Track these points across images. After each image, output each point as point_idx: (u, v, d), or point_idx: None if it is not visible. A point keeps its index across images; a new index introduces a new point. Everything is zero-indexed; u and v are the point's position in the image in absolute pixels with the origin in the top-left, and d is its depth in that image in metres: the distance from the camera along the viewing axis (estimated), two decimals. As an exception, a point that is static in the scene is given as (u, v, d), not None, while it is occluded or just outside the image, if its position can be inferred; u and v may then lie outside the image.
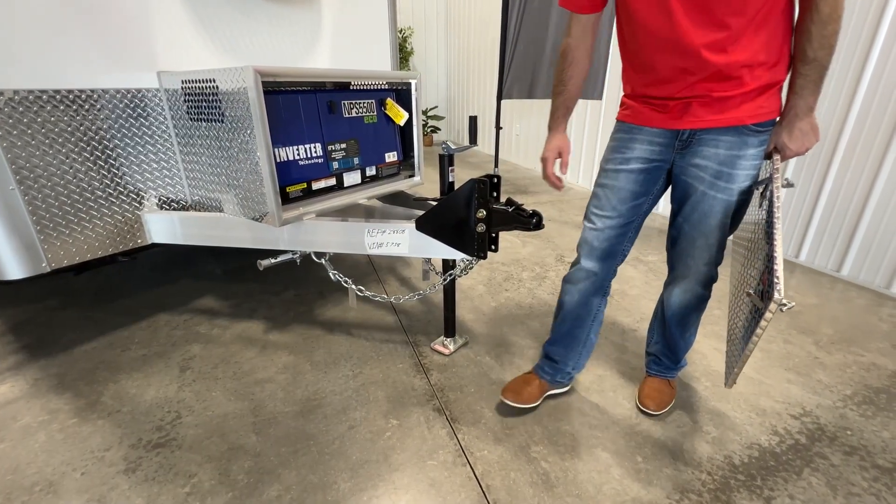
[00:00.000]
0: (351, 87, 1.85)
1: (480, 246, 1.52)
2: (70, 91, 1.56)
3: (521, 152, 5.99)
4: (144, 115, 1.76)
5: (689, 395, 1.65)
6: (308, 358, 1.87)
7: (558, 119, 1.37)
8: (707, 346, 1.94)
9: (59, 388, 1.69)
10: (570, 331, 1.49)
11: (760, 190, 1.19)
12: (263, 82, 1.43)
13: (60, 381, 1.73)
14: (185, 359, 1.86)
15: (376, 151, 1.99)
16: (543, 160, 1.40)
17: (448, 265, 1.76)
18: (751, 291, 1.09)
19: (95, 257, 1.73)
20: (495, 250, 1.55)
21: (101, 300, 2.37)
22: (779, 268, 0.95)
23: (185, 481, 1.29)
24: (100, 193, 1.70)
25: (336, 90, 1.79)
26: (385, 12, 2.64)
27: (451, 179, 1.65)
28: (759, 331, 0.97)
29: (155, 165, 1.84)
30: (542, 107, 5.17)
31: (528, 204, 1.44)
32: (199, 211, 1.92)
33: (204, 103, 1.62)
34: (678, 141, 1.20)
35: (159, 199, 1.88)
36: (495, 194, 1.48)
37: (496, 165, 3.48)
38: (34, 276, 1.59)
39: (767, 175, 1.16)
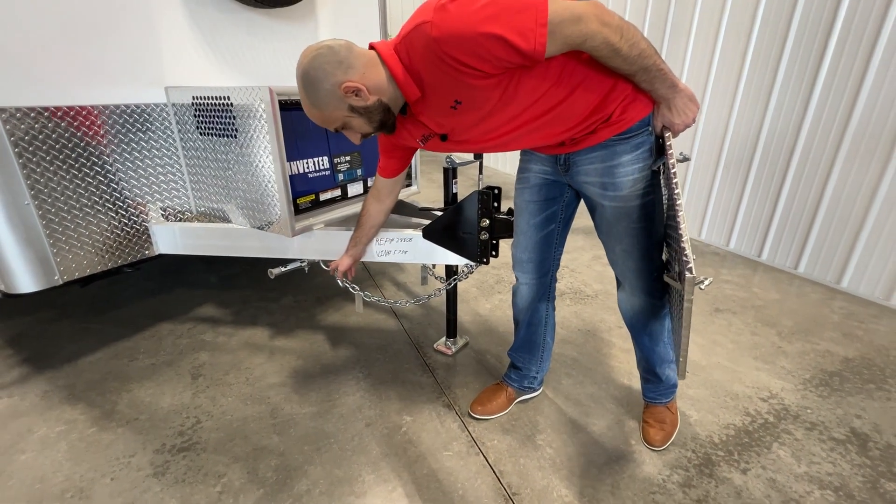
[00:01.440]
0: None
1: (483, 252, 1.65)
2: (83, 107, 1.60)
3: (500, 159, 6.18)
4: (152, 129, 1.81)
5: (671, 383, 1.82)
6: (317, 361, 1.95)
7: (357, 244, 1.60)
8: (684, 340, 2.12)
9: (70, 399, 1.71)
10: (527, 336, 1.63)
11: (657, 169, 1.19)
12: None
13: (71, 392, 1.75)
14: (195, 366, 1.91)
15: (376, 162, 2.09)
16: (335, 269, 1.61)
17: (451, 270, 1.88)
18: (672, 276, 1.06)
19: (105, 269, 1.76)
20: (496, 256, 1.69)
21: (96, 311, 2.36)
22: (686, 245, 0.91)
23: (215, 481, 1.36)
24: (109, 206, 1.73)
25: (342, 106, 1.88)
26: (376, 26, 2.74)
27: (454, 191, 1.77)
28: (684, 314, 0.92)
29: (162, 178, 1.88)
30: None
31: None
32: (204, 222, 1.97)
33: (216, 119, 1.68)
34: (558, 165, 1.31)
35: (164, 211, 1.92)
36: (496, 204, 1.62)
37: (480, 172, 3.62)
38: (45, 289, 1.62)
39: (661, 154, 1.15)
